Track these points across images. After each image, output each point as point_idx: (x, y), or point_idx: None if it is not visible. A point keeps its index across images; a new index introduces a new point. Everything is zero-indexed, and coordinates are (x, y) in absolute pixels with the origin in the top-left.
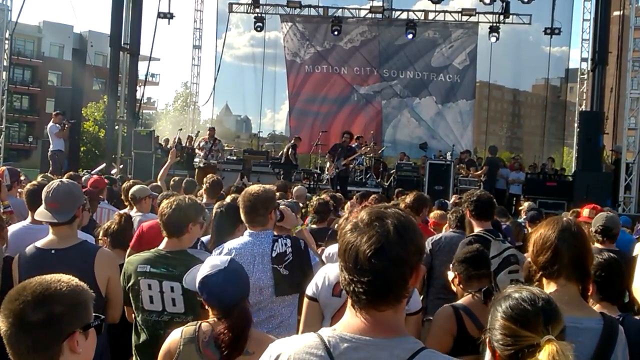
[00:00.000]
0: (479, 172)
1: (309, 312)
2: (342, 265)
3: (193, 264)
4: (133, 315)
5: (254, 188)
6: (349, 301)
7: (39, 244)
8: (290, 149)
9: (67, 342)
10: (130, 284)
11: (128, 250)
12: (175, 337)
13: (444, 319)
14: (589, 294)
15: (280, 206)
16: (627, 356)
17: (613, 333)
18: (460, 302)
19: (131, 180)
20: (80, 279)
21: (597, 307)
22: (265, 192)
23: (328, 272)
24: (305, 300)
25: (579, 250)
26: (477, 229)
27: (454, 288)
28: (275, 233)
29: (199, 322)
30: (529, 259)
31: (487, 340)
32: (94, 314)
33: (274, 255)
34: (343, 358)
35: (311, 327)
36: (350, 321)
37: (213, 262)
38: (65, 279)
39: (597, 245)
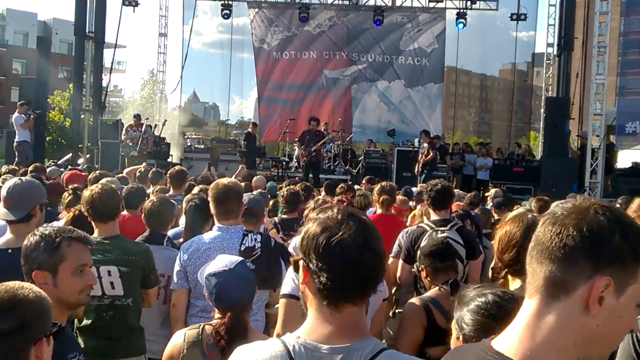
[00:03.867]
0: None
1: (289, 312)
2: (320, 265)
3: (128, 247)
4: None
5: (225, 180)
6: (316, 304)
7: None
8: (243, 140)
9: (35, 349)
10: None
11: None
12: (178, 340)
13: (413, 312)
14: None
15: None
16: None
17: None
18: (427, 294)
19: (97, 172)
20: None
21: None
22: (237, 185)
23: None
24: (284, 300)
25: None
26: (432, 218)
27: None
28: (245, 228)
29: (202, 324)
30: (495, 256)
31: (461, 338)
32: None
33: (242, 249)
34: None
35: (292, 328)
36: (315, 325)
37: (221, 261)
38: (27, 286)
39: None
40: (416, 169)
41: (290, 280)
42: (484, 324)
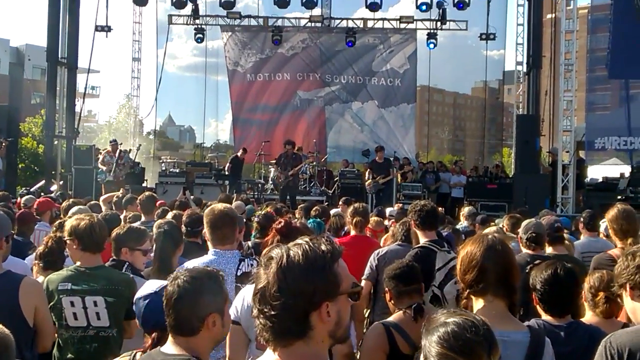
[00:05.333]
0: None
1: (232, 337)
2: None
3: (113, 277)
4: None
5: (220, 206)
6: None
7: None
8: (228, 163)
9: None
10: (52, 303)
11: None
12: None
13: (375, 337)
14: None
15: None
16: None
17: (539, 345)
18: (391, 319)
19: (70, 200)
20: (6, 311)
21: (547, 319)
22: (233, 210)
23: (246, 294)
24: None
25: (504, 268)
26: (422, 240)
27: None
28: (242, 253)
29: (134, 352)
30: (458, 277)
31: None
32: None
33: (238, 274)
34: None
35: (237, 352)
36: (269, 352)
37: (150, 285)
38: None
39: (528, 251)
40: (368, 184)
41: (233, 307)
42: (447, 357)
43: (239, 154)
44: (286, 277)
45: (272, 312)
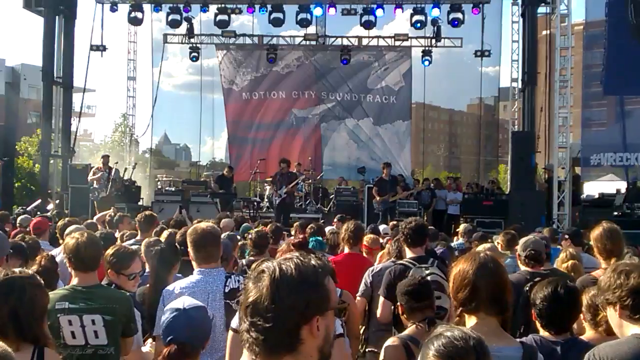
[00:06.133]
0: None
1: (233, 345)
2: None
3: (111, 295)
4: None
5: (203, 225)
6: None
7: None
8: (214, 182)
9: None
10: (49, 322)
11: None
12: None
13: (393, 351)
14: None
15: None
16: None
17: None
18: (405, 333)
19: (66, 219)
20: None
21: (544, 335)
22: (216, 229)
23: None
24: (230, 333)
25: (496, 286)
26: (409, 256)
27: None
28: (227, 271)
29: None
30: (451, 295)
31: None
32: None
33: (226, 290)
34: None
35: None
36: None
37: (182, 300)
38: None
39: (527, 268)
40: (378, 202)
41: (237, 315)
42: None
43: (224, 172)
44: (280, 290)
45: (266, 325)
